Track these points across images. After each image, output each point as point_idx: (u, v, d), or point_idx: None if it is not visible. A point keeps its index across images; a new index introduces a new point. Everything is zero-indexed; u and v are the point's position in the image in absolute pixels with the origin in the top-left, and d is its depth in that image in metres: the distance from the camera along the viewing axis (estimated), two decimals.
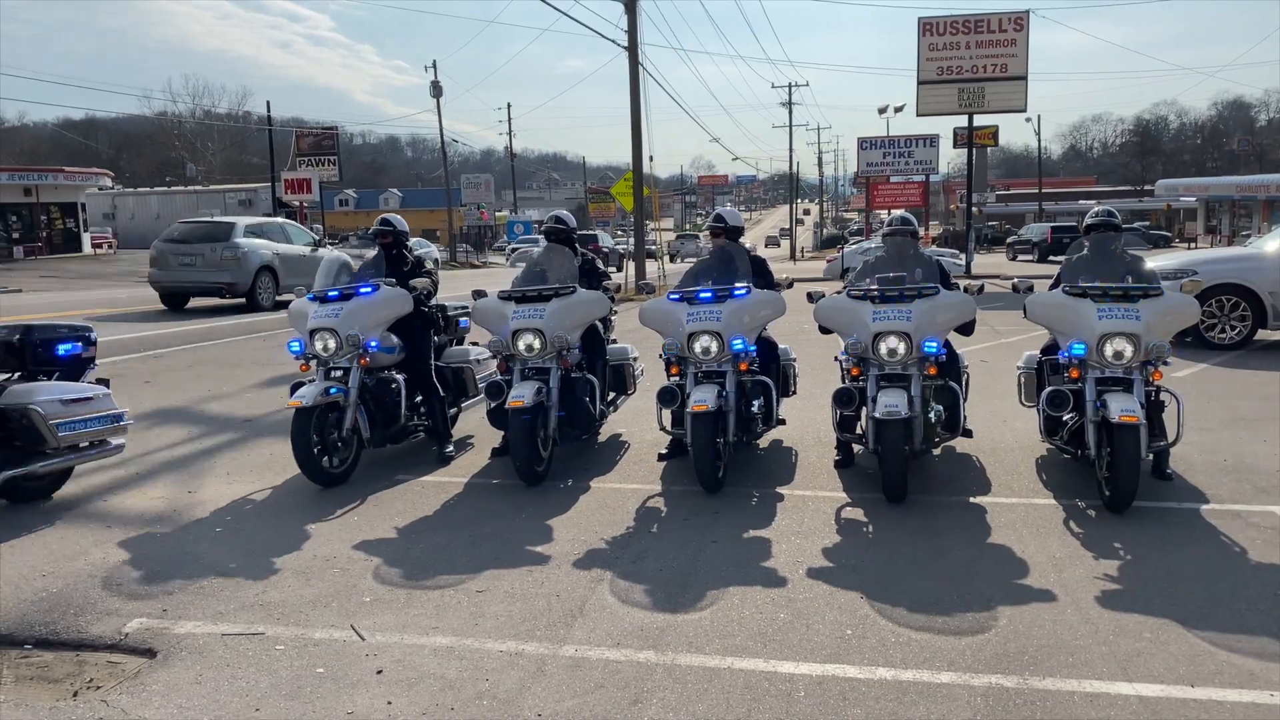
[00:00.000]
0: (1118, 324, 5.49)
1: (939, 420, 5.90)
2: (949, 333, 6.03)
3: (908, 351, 5.69)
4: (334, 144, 59.65)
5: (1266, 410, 8.11)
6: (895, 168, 51.46)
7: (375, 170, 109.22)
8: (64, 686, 3.66)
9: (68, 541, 5.25)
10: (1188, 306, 5.87)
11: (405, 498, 6.04)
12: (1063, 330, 5.81)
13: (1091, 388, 5.55)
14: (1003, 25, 29.03)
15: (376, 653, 3.88)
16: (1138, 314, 5.49)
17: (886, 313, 5.77)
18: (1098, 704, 3.38)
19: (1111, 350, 5.49)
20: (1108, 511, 5.45)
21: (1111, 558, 4.80)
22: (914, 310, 5.74)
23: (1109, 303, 5.57)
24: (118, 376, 10.61)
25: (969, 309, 6.07)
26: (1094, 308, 5.58)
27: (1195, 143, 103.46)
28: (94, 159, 70.68)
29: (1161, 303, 5.61)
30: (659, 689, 3.55)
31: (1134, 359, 5.48)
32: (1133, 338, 5.45)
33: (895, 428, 5.53)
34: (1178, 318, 5.83)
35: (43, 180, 42.24)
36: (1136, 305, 5.52)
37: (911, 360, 5.73)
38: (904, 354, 5.70)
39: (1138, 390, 5.51)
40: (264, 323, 16.14)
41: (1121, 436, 5.25)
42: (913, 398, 5.66)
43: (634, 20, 25.19)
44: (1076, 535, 5.16)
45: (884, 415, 5.48)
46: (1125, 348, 5.47)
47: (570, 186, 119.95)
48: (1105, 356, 5.51)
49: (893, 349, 5.71)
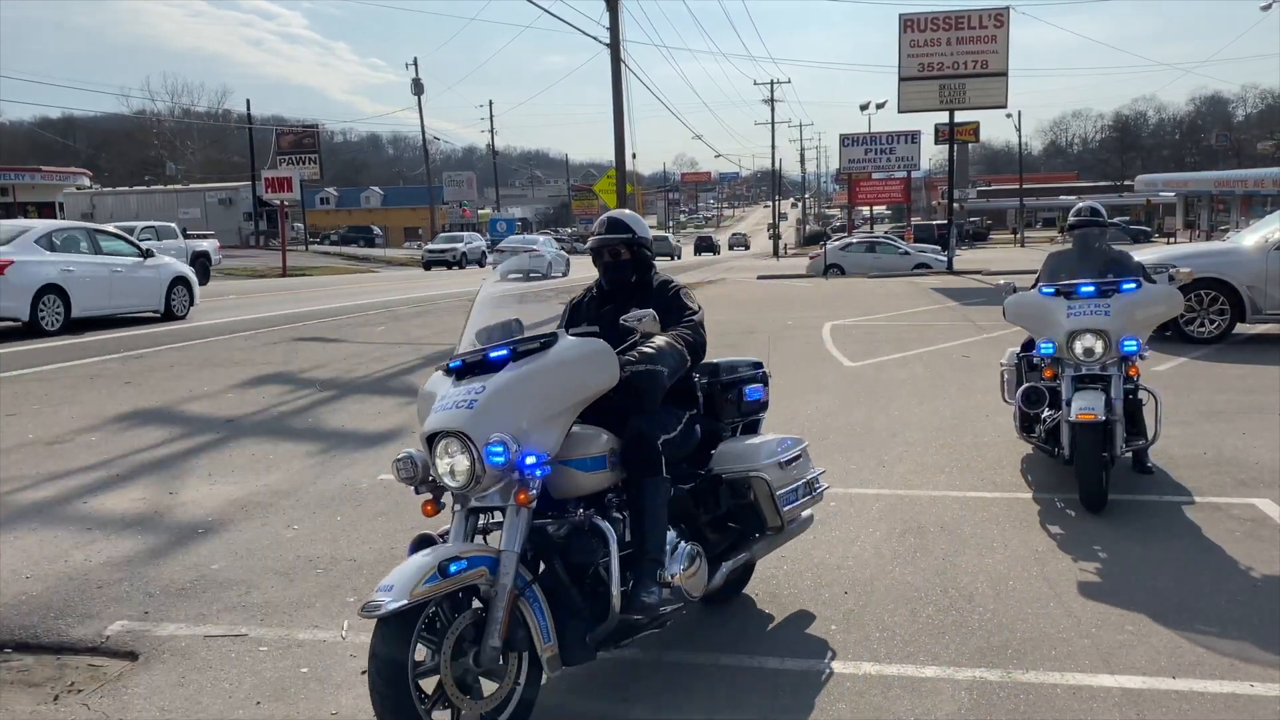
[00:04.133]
0: (1086, 320, 5.46)
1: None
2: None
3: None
4: (315, 142, 59.42)
5: (1246, 403, 8.18)
6: (877, 164, 51.72)
7: (356, 168, 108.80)
8: (45, 690, 3.63)
9: (48, 544, 5.20)
10: (1168, 298, 5.83)
11: (388, 497, 6.01)
12: (1036, 330, 5.80)
13: (1068, 385, 5.51)
14: (983, 21, 29.15)
15: (361, 653, 3.85)
16: (1108, 309, 5.45)
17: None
18: (1080, 696, 3.40)
19: (1081, 347, 5.45)
20: None
21: (1093, 551, 4.83)
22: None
23: (1079, 299, 5.55)
24: (96, 377, 10.55)
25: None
26: (1064, 305, 5.56)
27: (1174, 138, 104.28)
28: (72, 158, 70.13)
29: (1136, 296, 5.55)
30: (646, 686, 3.55)
31: (1106, 355, 5.44)
32: (1101, 334, 5.41)
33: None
34: (1156, 310, 5.79)
35: (19, 179, 41.93)
36: (1108, 300, 5.48)
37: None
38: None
39: (1114, 387, 5.45)
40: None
41: (1080, 435, 5.26)
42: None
43: (616, 17, 25.17)
44: (1058, 529, 5.19)
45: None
46: (1094, 344, 5.43)
47: (553, 184, 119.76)
48: (1075, 354, 5.47)
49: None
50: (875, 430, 7.51)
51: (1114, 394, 5.42)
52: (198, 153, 76.88)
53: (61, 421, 8.29)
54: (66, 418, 8.44)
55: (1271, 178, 50.25)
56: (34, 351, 12.61)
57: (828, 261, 31.66)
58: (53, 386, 10.03)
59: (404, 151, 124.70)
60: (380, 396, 9.49)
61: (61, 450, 7.29)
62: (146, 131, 77.47)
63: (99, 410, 8.75)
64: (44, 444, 7.49)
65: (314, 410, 8.83)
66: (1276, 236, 11.64)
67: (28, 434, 7.83)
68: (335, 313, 18.77)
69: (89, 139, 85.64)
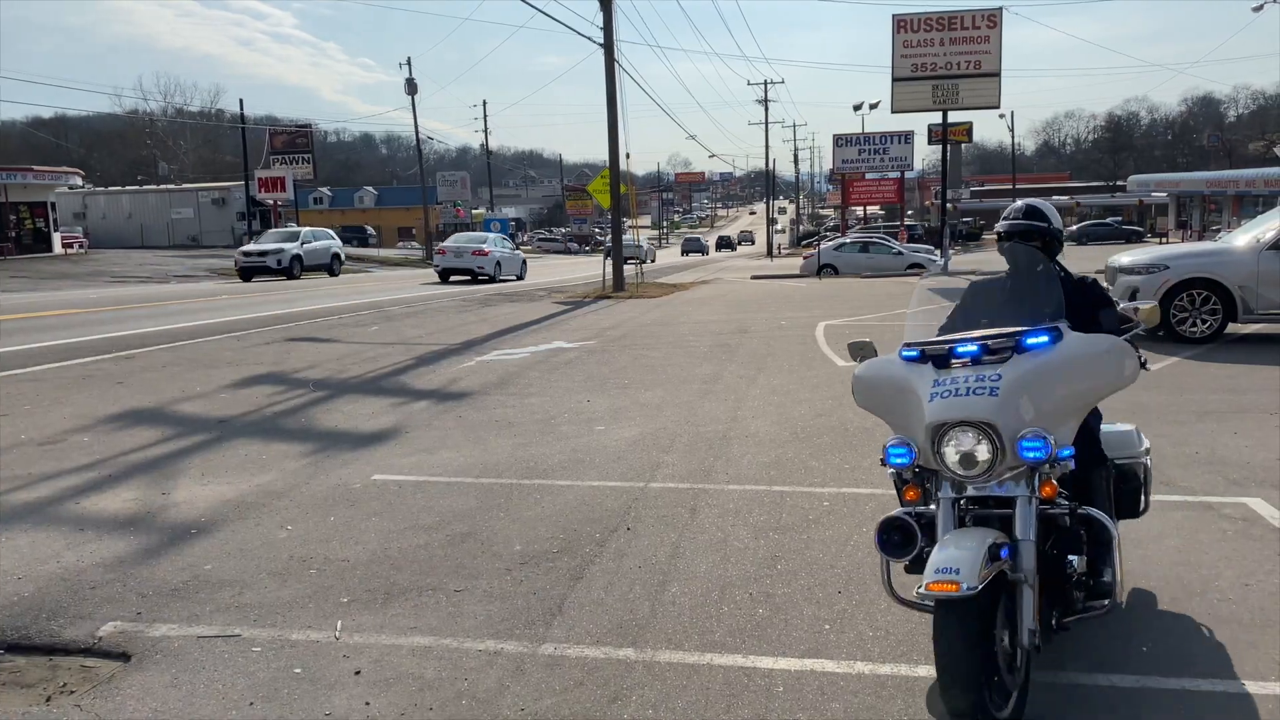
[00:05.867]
0: (956, 406, 3.15)
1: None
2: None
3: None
4: (308, 142, 59.35)
5: (1238, 403, 8.21)
6: (871, 164, 51.80)
7: (350, 168, 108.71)
8: (37, 691, 3.62)
9: (40, 544, 5.19)
10: (1106, 360, 3.36)
11: (382, 497, 6.00)
12: (895, 423, 3.47)
13: (943, 516, 3.25)
14: (976, 22, 29.27)
15: (354, 653, 3.86)
16: (994, 385, 3.15)
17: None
18: (1073, 696, 3.41)
19: (954, 453, 3.16)
20: None
21: None
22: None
23: (954, 367, 3.28)
24: (89, 377, 10.52)
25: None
26: (929, 379, 3.29)
27: (1166, 139, 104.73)
28: (64, 158, 69.89)
29: (1049, 359, 3.23)
30: (638, 686, 3.55)
31: (1001, 464, 3.11)
32: (984, 429, 3.10)
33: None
34: (1083, 385, 3.33)
35: (11, 180, 41.77)
36: (998, 369, 3.20)
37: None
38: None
39: (1022, 516, 3.15)
40: (236, 323, 16.02)
41: (938, 616, 3.00)
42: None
43: (609, 17, 25.18)
44: None
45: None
46: (974, 446, 3.13)
47: (547, 184, 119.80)
48: (945, 463, 3.18)
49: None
50: (868, 430, 7.52)
51: (1021, 532, 3.13)
52: (191, 153, 76.75)
53: (54, 422, 8.27)
54: (59, 418, 8.42)
55: (1263, 178, 50.46)
56: (31, 352, 12.57)
57: (821, 262, 31.72)
58: (45, 387, 10.00)
59: (397, 151, 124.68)
60: (373, 397, 9.48)
61: (54, 451, 7.27)
62: (139, 131, 77.37)
63: (91, 410, 8.73)
64: (36, 444, 7.47)
65: (307, 410, 8.82)
66: (1268, 237, 11.70)
67: (20, 434, 7.80)
68: (328, 312, 18.76)
69: (82, 139, 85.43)
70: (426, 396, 9.48)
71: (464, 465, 6.76)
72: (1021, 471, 3.06)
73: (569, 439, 7.44)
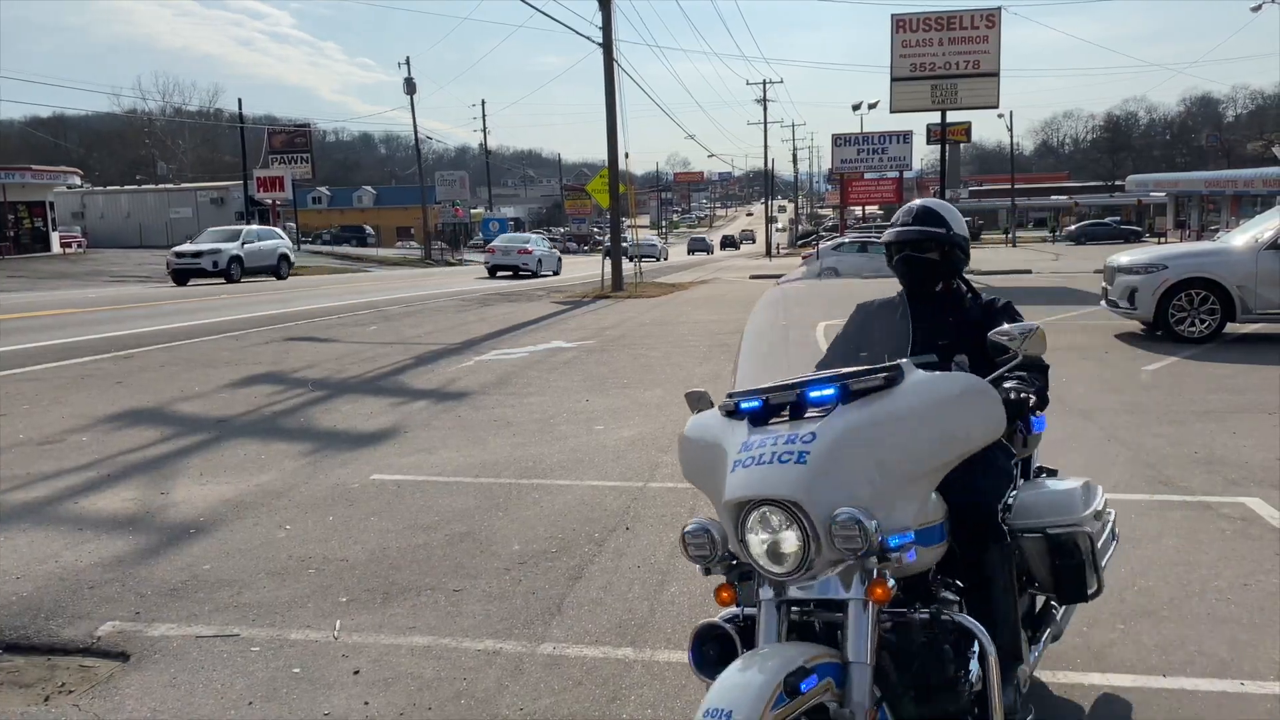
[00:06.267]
0: (757, 478, 2.30)
1: None
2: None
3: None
4: (307, 141, 59.36)
5: (1236, 403, 8.21)
6: (869, 164, 51.86)
7: (348, 168, 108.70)
8: (35, 691, 3.61)
9: (38, 544, 5.18)
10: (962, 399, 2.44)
11: (380, 497, 6.00)
12: (708, 492, 2.58)
13: (766, 622, 2.36)
14: (975, 22, 29.23)
15: (353, 653, 3.86)
16: (807, 446, 2.28)
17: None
18: (1071, 695, 3.41)
19: (758, 543, 2.30)
20: None
21: None
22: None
23: (774, 425, 2.42)
24: (88, 377, 10.52)
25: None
26: (740, 441, 2.41)
27: (1165, 138, 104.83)
28: (63, 157, 69.86)
29: (873, 413, 2.34)
30: (637, 686, 3.55)
31: (811, 559, 2.24)
32: (789, 508, 2.24)
33: None
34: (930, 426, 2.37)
35: (10, 179, 41.76)
36: (819, 423, 2.33)
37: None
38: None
39: (855, 629, 2.27)
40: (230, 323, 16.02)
41: None
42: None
43: (608, 16, 25.17)
44: None
45: None
46: (781, 534, 2.27)
47: (546, 183, 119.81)
48: (751, 555, 2.32)
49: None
50: None
51: (853, 651, 2.25)
52: (189, 152, 76.71)
53: (53, 421, 8.26)
54: (58, 418, 8.41)
55: (1261, 178, 50.49)
56: (29, 351, 12.56)
57: (823, 265, 31.72)
58: (44, 386, 9.99)
59: (396, 151, 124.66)
60: (372, 396, 9.48)
61: (53, 450, 7.26)
62: (138, 131, 77.36)
63: (90, 410, 8.73)
64: (35, 444, 7.46)
65: (306, 410, 8.81)
66: (1266, 236, 11.70)
67: (19, 434, 7.80)
68: (326, 312, 18.75)
69: (80, 138, 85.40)
70: (425, 396, 9.48)
71: (463, 465, 6.75)
72: (853, 565, 2.24)
73: (568, 439, 7.44)
